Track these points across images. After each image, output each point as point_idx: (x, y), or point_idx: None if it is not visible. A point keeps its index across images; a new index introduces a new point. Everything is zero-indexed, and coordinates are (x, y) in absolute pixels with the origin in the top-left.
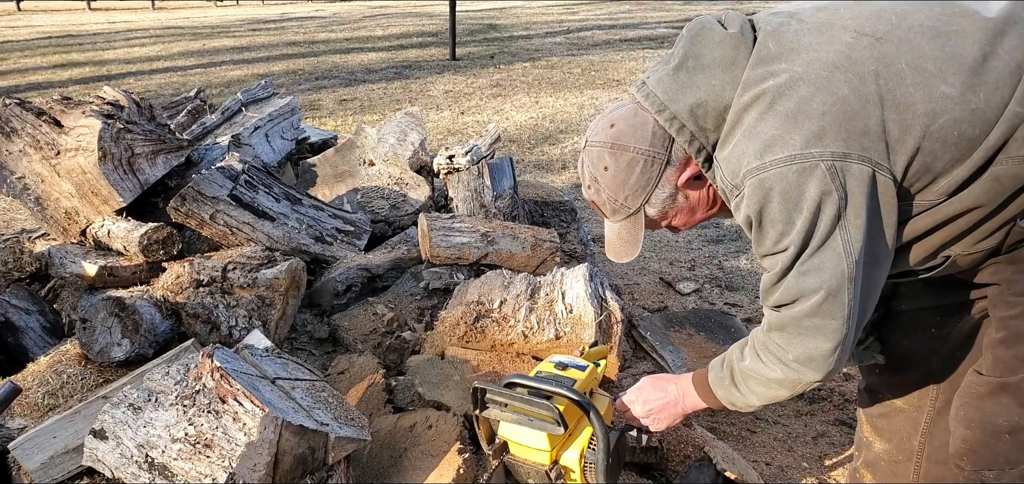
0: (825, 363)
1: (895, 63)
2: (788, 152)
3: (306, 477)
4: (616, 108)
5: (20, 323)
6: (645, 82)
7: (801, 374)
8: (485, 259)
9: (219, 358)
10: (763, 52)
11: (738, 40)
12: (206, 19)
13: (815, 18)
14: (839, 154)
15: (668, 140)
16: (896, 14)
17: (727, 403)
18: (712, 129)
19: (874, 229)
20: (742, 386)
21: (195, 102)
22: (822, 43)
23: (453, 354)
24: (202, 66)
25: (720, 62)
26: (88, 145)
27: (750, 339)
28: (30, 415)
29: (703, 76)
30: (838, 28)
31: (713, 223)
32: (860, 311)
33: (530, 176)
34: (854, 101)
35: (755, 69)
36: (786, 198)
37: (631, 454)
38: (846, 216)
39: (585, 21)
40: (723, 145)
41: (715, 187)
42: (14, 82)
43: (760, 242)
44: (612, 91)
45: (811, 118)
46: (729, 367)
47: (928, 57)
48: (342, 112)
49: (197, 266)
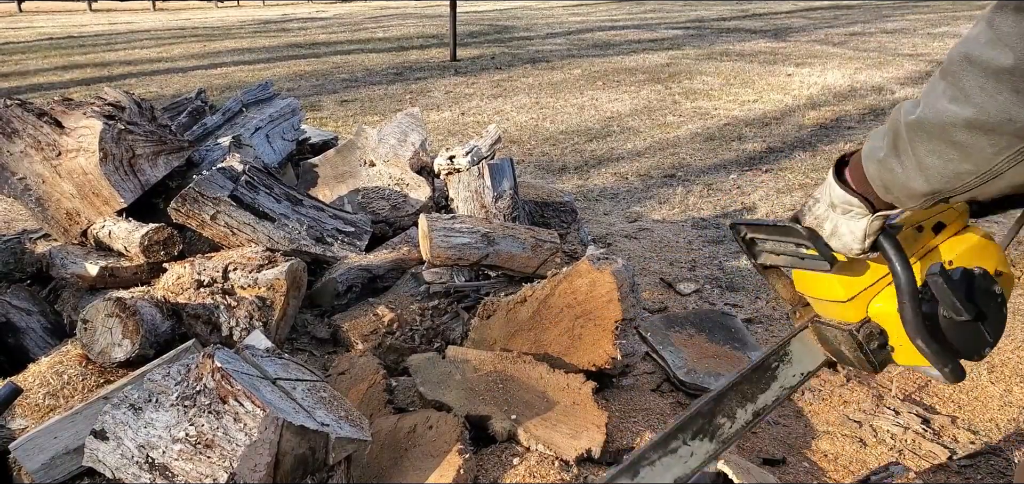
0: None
1: None
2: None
3: (307, 477)
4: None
5: (21, 324)
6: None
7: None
8: (486, 260)
9: (220, 359)
10: None
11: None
12: (207, 20)
13: None
14: None
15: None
16: None
17: (880, 186)
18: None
19: None
20: (910, 149)
21: (196, 103)
22: None
23: (454, 354)
24: (203, 67)
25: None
26: (89, 146)
27: (929, 82)
28: (31, 415)
29: None
30: None
31: (713, 223)
32: None
33: (531, 177)
34: None
35: None
36: None
37: None
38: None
39: (585, 22)
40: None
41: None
42: (15, 83)
43: None
44: (612, 92)
45: None
46: (892, 128)
47: None
48: (343, 113)
49: (198, 267)
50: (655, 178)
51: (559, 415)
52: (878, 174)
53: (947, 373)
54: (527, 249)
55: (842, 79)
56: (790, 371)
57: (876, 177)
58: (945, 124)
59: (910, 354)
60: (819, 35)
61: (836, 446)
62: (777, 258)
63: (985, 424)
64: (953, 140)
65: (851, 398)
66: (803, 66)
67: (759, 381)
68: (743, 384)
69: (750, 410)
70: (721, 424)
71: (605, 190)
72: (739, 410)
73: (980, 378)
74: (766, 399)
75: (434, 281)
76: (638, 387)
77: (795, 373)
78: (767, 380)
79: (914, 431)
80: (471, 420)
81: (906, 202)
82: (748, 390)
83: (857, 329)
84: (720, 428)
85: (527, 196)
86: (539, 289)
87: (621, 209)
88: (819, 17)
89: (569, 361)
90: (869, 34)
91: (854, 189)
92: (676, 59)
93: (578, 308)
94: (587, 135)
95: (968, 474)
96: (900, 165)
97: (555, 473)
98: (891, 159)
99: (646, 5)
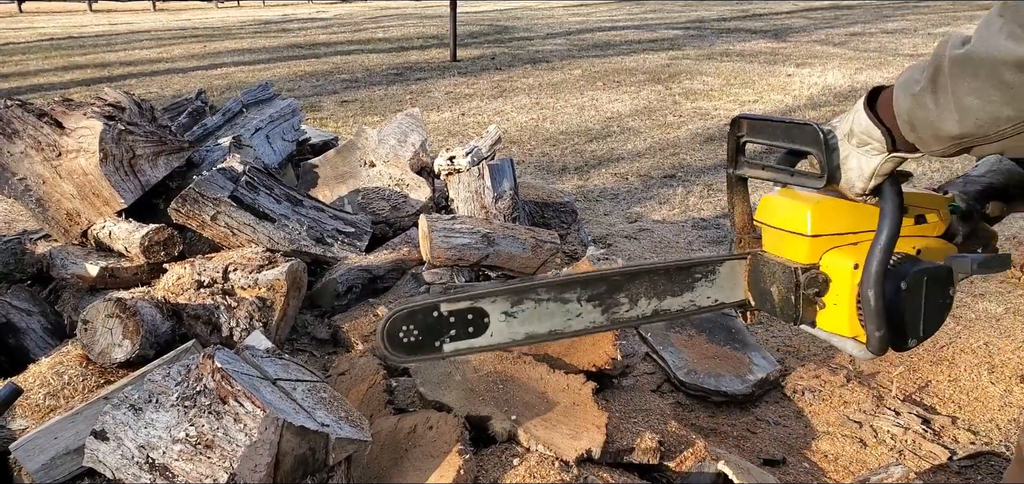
0: None
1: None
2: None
3: (307, 478)
4: None
5: (21, 324)
6: None
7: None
8: (486, 260)
9: (220, 359)
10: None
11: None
12: (207, 21)
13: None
14: None
15: None
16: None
17: (906, 122)
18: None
19: None
20: (949, 86)
21: (196, 103)
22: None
23: None
24: (203, 68)
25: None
26: (89, 146)
27: (984, 18)
28: (31, 416)
29: None
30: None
31: (713, 223)
32: None
33: (531, 177)
34: None
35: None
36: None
37: None
38: None
39: (585, 22)
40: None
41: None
42: (16, 84)
43: None
44: (613, 92)
45: None
46: (934, 62)
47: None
48: (343, 113)
49: (198, 267)
50: (655, 178)
51: (559, 415)
52: (908, 108)
53: (875, 338)
54: (527, 249)
55: (842, 79)
56: (707, 292)
57: (905, 111)
58: (996, 61)
59: (835, 318)
60: (819, 35)
61: (836, 446)
62: (760, 172)
63: (985, 424)
64: (1002, 80)
65: (851, 398)
66: (803, 66)
67: (674, 281)
68: (658, 275)
69: (652, 306)
70: (620, 302)
71: (605, 190)
72: (643, 299)
73: (980, 378)
74: (670, 305)
75: (434, 281)
76: (638, 388)
77: (710, 297)
78: (682, 286)
79: (914, 431)
80: (471, 420)
81: (930, 144)
82: (660, 284)
83: (802, 269)
84: (617, 306)
85: (527, 196)
86: None
87: (621, 209)
88: (819, 17)
89: (569, 361)
90: (870, 34)
91: (882, 121)
92: (676, 59)
93: None
94: (587, 135)
95: (968, 474)
96: (934, 101)
97: (555, 473)
98: (926, 94)
99: (646, 5)
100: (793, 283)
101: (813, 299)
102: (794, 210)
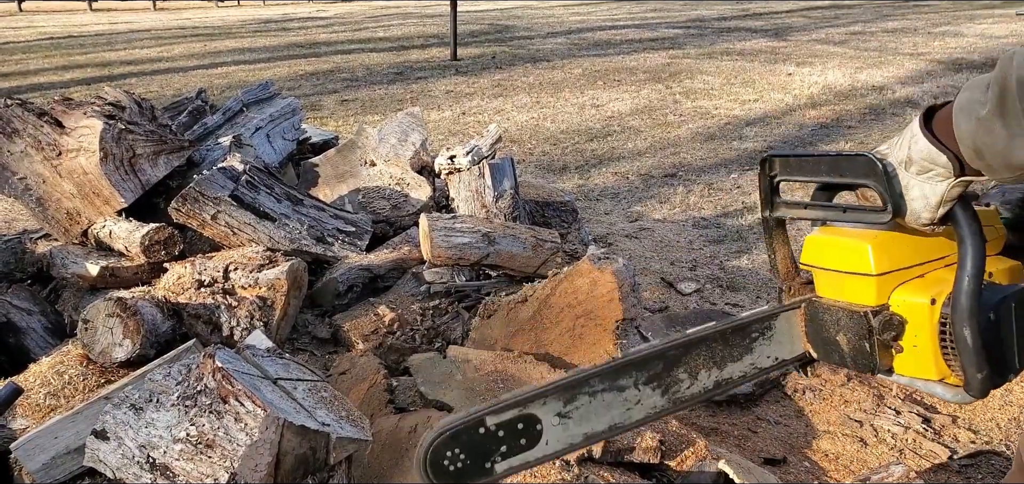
0: None
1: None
2: None
3: (308, 477)
4: None
5: (22, 324)
6: None
7: None
8: (486, 259)
9: (221, 358)
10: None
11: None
12: (207, 20)
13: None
14: None
15: None
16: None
17: (970, 148)
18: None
19: None
20: (1021, 109)
21: (196, 103)
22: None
23: (454, 354)
24: (204, 67)
25: None
26: (90, 146)
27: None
28: (32, 415)
29: None
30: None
31: (714, 222)
32: None
33: (531, 176)
34: None
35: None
36: None
37: None
38: None
39: (586, 21)
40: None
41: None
42: (16, 83)
43: None
44: (613, 91)
45: None
46: (999, 81)
47: None
48: (343, 112)
49: (198, 267)
50: (656, 177)
51: None
52: (973, 133)
53: (977, 380)
54: (528, 249)
55: (843, 78)
56: (767, 350)
57: (969, 137)
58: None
59: (918, 362)
60: (820, 34)
61: (837, 446)
62: (803, 211)
63: (985, 424)
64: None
65: (852, 398)
66: (804, 65)
67: (732, 345)
68: (716, 342)
69: (713, 377)
70: (680, 380)
71: (606, 189)
72: (703, 371)
73: None
74: (733, 371)
75: (435, 281)
76: None
77: (770, 355)
78: (741, 349)
79: (915, 431)
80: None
81: (1000, 172)
82: (719, 352)
83: (873, 313)
84: (678, 384)
85: (528, 196)
86: (540, 289)
87: (622, 208)
88: (820, 16)
89: (570, 360)
90: (870, 33)
91: (944, 144)
92: (677, 58)
93: (579, 308)
94: (588, 134)
95: (969, 474)
96: (1004, 126)
97: (556, 473)
98: (994, 120)
99: (646, 5)
100: (865, 329)
101: (890, 344)
102: (852, 249)
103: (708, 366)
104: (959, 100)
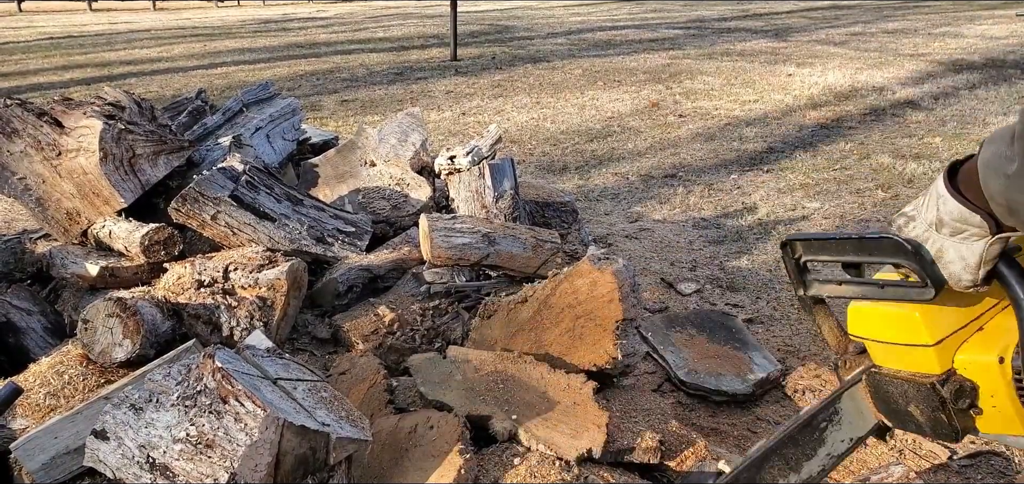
0: None
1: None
2: None
3: (308, 477)
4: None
5: (21, 324)
6: None
7: None
8: (486, 260)
9: (220, 359)
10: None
11: None
12: (207, 20)
13: None
14: None
15: None
16: None
17: (1003, 206)
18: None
19: None
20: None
21: (196, 103)
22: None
23: (454, 354)
24: (203, 67)
25: None
26: (89, 146)
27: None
28: (32, 415)
29: None
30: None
31: (714, 223)
32: None
33: (531, 177)
34: None
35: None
36: None
37: None
38: None
39: (586, 22)
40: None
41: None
42: (15, 83)
43: None
44: (613, 92)
45: None
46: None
47: None
48: (343, 113)
49: (198, 267)
50: (656, 178)
51: (560, 415)
52: (1002, 191)
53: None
54: (528, 249)
55: (843, 79)
56: (839, 435)
57: (999, 194)
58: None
59: (1002, 420)
60: (820, 35)
61: None
62: (837, 288)
63: None
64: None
65: None
66: (804, 66)
67: (805, 445)
68: (787, 447)
69: (792, 481)
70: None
71: (606, 190)
72: (781, 480)
73: None
74: (811, 469)
75: (435, 281)
76: (639, 387)
77: (844, 438)
78: (813, 444)
79: None
80: (472, 420)
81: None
82: (792, 455)
83: (941, 382)
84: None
85: (528, 196)
86: (540, 289)
87: (622, 209)
88: (820, 17)
89: (570, 361)
90: (870, 34)
91: (974, 204)
92: (677, 59)
93: (579, 308)
94: (588, 135)
95: (968, 474)
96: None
97: (556, 473)
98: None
99: (647, 5)
100: (936, 401)
101: (967, 409)
102: (902, 321)
103: (784, 473)
104: (984, 156)
